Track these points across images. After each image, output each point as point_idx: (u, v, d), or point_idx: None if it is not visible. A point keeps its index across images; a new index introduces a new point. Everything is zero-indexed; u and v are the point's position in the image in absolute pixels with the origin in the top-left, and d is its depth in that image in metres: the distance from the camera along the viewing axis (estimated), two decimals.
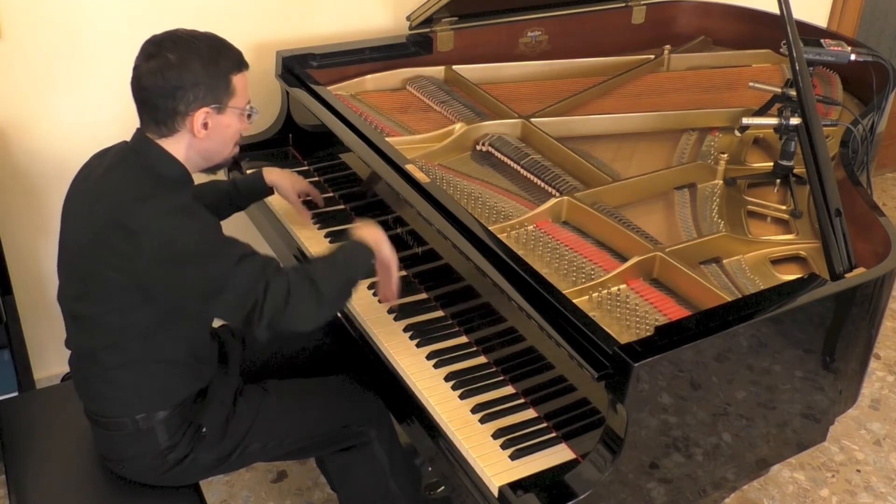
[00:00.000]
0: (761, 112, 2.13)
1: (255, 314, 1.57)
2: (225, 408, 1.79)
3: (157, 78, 1.57)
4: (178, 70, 1.57)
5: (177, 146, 1.64)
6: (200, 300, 1.60)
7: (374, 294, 1.90)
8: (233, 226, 2.68)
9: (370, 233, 1.77)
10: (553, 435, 1.56)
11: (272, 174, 2.10)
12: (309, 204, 2.18)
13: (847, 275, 1.62)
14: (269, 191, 2.11)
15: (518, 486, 1.46)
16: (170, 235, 1.54)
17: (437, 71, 2.49)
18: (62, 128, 2.38)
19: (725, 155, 2.03)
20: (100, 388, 1.71)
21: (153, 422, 1.70)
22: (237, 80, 1.64)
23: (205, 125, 1.62)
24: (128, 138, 1.67)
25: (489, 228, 1.72)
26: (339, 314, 1.92)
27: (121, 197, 1.58)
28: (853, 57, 2.13)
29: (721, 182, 2.01)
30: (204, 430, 1.75)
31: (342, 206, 2.22)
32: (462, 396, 1.64)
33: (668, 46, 2.66)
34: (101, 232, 1.58)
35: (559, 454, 1.52)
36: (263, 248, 2.06)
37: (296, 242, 2.12)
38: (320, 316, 1.66)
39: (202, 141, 1.64)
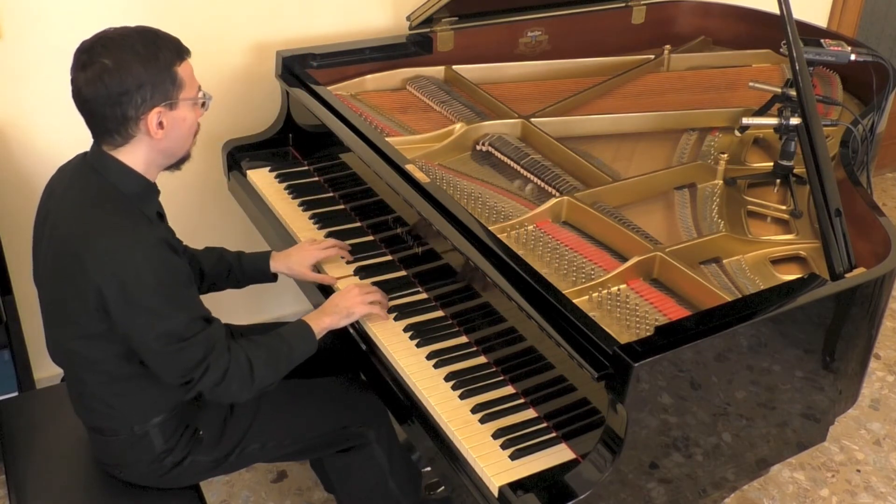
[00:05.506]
0: (761, 112, 2.12)
1: (190, 385, 1.61)
2: (222, 409, 1.78)
3: (97, 87, 1.49)
4: (118, 74, 1.48)
5: (135, 154, 1.57)
6: (143, 351, 1.58)
7: None
8: (234, 225, 2.70)
9: (339, 305, 1.79)
10: (553, 435, 1.56)
11: (278, 263, 1.97)
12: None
13: (847, 275, 1.62)
14: (274, 277, 2.00)
15: (518, 486, 1.46)
16: (123, 277, 1.49)
17: (437, 71, 2.48)
18: (62, 128, 2.38)
19: (725, 155, 2.03)
20: (89, 404, 1.70)
21: (148, 427, 1.69)
22: (182, 69, 1.56)
23: (160, 124, 1.55)
24: None
25: (489, 228, 1.72)
26: None
27: (78, 225, 1.52)
28: (853, 57, 2.13)
29: (721, 182, 2.01)
30: (201, 432, 1.75)
31: (342, 206, 2.22)
32: (462, 396, 1.64)
33: (667, 46, 2.66)
34: (60, 261, 1.55)
35: (559, 454, 1.52)
36: (263, 248, 2.05)
37: (296, 243, 2.12)
38: (246, 397, 1.68)
39: (161, 141, 1.57)
